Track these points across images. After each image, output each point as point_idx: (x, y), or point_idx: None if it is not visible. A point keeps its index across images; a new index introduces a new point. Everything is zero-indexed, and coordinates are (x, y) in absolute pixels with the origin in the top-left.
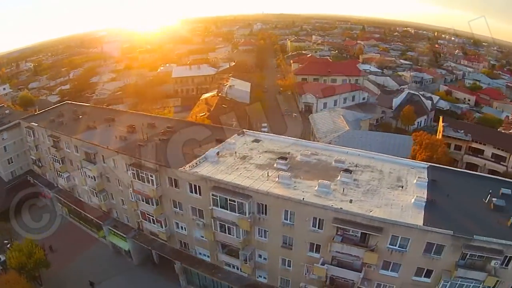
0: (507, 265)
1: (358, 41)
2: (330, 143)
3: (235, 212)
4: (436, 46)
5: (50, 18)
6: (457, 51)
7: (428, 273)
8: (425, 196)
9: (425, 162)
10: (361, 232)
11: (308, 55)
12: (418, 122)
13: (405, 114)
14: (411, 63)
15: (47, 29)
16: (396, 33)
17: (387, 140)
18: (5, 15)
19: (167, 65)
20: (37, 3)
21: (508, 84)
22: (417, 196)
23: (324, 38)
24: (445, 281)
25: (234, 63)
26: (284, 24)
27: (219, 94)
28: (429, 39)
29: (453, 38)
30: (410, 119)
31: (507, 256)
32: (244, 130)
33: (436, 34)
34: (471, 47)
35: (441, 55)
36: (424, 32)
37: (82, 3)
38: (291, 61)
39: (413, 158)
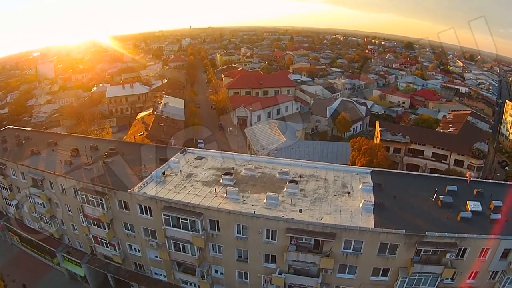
0: (462, 256)
1: (287, 52)
2: (268, 156)
3: (188, 230)
4: (367, 51)
5: None
6: (388, 55)
7: (385, 272)
8: (373, 200)
9: (367, 167)
10: (314, 240)
11: (239, 69)
12: (354, 128)
13: (340, 122)
14: (342, 70)
15: None
16: (325, 41)
17: (325, 148)
18: None
19: (101, 85)
20: None
21: (443, 84)
22: (364, 200)
23: (253, 51)
24: (403, 278)
25: (166, 81)
26: (212, 38)
27: (155, 113)
28: (358, 45)
29: (383, 43)
30: (346, 126)
31: (461, 248)
32: (186, 148)
33: (365, 39)
34: (403, 50)
35: (372, 60)
36: (354, 38)
37: (10, 24)
38: (222, 75)
39: (353, 164)
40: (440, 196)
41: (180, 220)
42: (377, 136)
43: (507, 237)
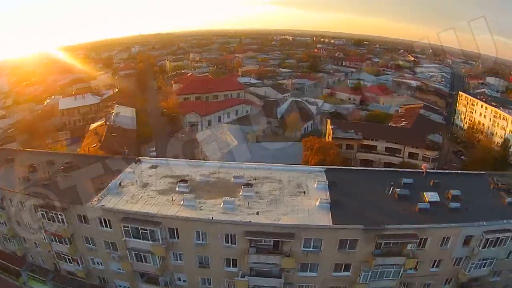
0: (423, 246)
1: (236, 55)
2: (221, 160)
3: (148, 240)
4: (316, 50)
5: None
6: (337, 53)
7: (347, 267)
8: (328, 198)
9: (321, 166)
10: (274, 241)
11: (188, 74)
12: (305, 128)
13: (291, 122)
14: (291, 70)
15: None
16: (274, 42)
17: (277, 149)
18: None
19: (53, 97)
20: None
21: (394, 79)
22: (320, 199)
23: (201, 55)
24: (365, 272)
25: (117, 89)
26: (161, 44)
27: (107, 123)
28: (307, 44)
29: (332, 41)
30: (296, 125)
31: (422, 238)
32: (140, 157)
33: (314, 39)
34: (352, 47)
35: (321, 59)
36: (303, 38)
37: None
38: (172, 82)
39: (306, 163)
40: (396, 189)
41: (140, 231)
42: (329, 134)
43: (467, 224)
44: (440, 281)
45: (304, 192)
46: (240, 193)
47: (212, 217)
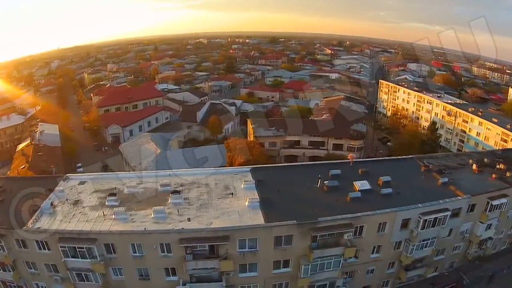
0: (360, 234)
1: (152, 62)
2: (146, 169)
3: (87, 258)
4: (231, 51)
5: None
6: (253, 52)
7: (286, 263)
8: (257, 197)
9: (246, 166)
10: (209, 245)
11: (106, 85)
12: (226, 130)
13: (211, 125)
14: (208, 73)
15: None
16: (189, 47)
17: (200, 153)
18: None
19: None
20: None
21: (312, 73)
22: (249, 198)
23: (119, 65)
24: (305, 266)
25: (39, 107)
26: (79, 57)
27: (33, 143)
28: (222, 46)
29: (248, 40)
30: (217, 128)
31: (358, 227)
32: (68, 175)
33: (229, 39)
34: (268, 45)
35: (237, 59)
36: (218, 40)
37: None
38: (92, 95)
39: (231, 164)
40: (325, 182)
41: (77, 249)
42: (251, 134)
43: (401, 208)
44: (383, 265)
45: (232, 194)
46: (169, 201)
47: (145, 228)
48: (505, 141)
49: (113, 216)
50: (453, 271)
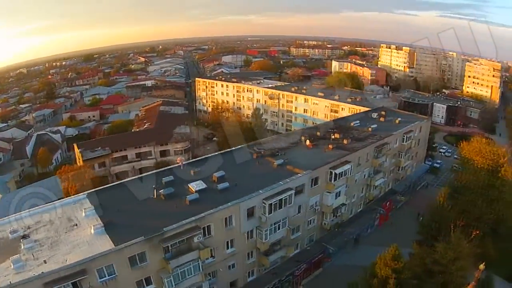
0: (210, 233)
1: None
2: None
3: None
4: (49, 77)
5: None
6: (70, 74)
7: (148, 281)
8: (100, 221)
9: (82, 193)
10: (72, 283)
11: None
12: (55, 159)
13: (40, 158)
14: (31, 104)
15: None
16: (11, 79)
17: (35, 189)
18: None
19: None
20: None
21: (128, 84)
22: (93, 225)
23: None
24: (167, 278)
25: None
26: None
27: None
28: (41, 73)
29: (64, 63)
30: (47, 160)
31: (205, 227)
32: None
33: (47, 65)
34: (84, 64)
35: (55, 84)
36: (37, 67)
37: None
38: None
39: (68, 194)
40: (160, 191)
41: None
42: (79, 158)
43: (243, 198)
44: (242, 257)
45: (77, 225)
46: (22, 247)
47: (11, 282)
48: (336, 111)
49: None
50: (315, 244)
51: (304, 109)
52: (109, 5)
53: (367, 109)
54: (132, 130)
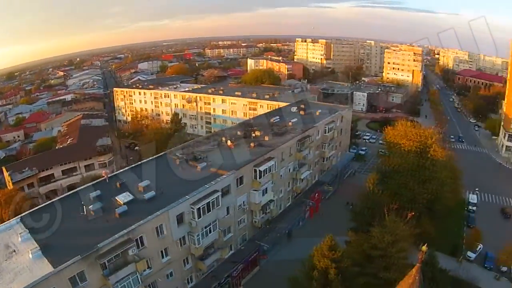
0: (143, 244)
1: None
2: None
3: None
4: None
5: None
6: None
7: None
8: (36, 245)
9: (14, 218)
10: None
11: None
12: None
13: None
14: None
15: None
16: None
17: None
18: None
19: None
20: None
21: (49, 100)
22: (30, 250)
23: None
24: None
25: None
26: None
27: None
28: None
29: None
30: None
31: (137, 239)
32: None
33: None
34: (6, 83)
35: None
36: None
37: None
38: None
39: (2, 221)
40: (89, 207)
41: None
42: (9, 181)
43: (171, 206)
44: (179, 265)
45: (15, 251)
46: None
47: None
48: (255, 109)
49: None
50: (249, 243)
51: (223, 110)
52: (24, 22)
53: (286, 104)
54: (56, 147)
